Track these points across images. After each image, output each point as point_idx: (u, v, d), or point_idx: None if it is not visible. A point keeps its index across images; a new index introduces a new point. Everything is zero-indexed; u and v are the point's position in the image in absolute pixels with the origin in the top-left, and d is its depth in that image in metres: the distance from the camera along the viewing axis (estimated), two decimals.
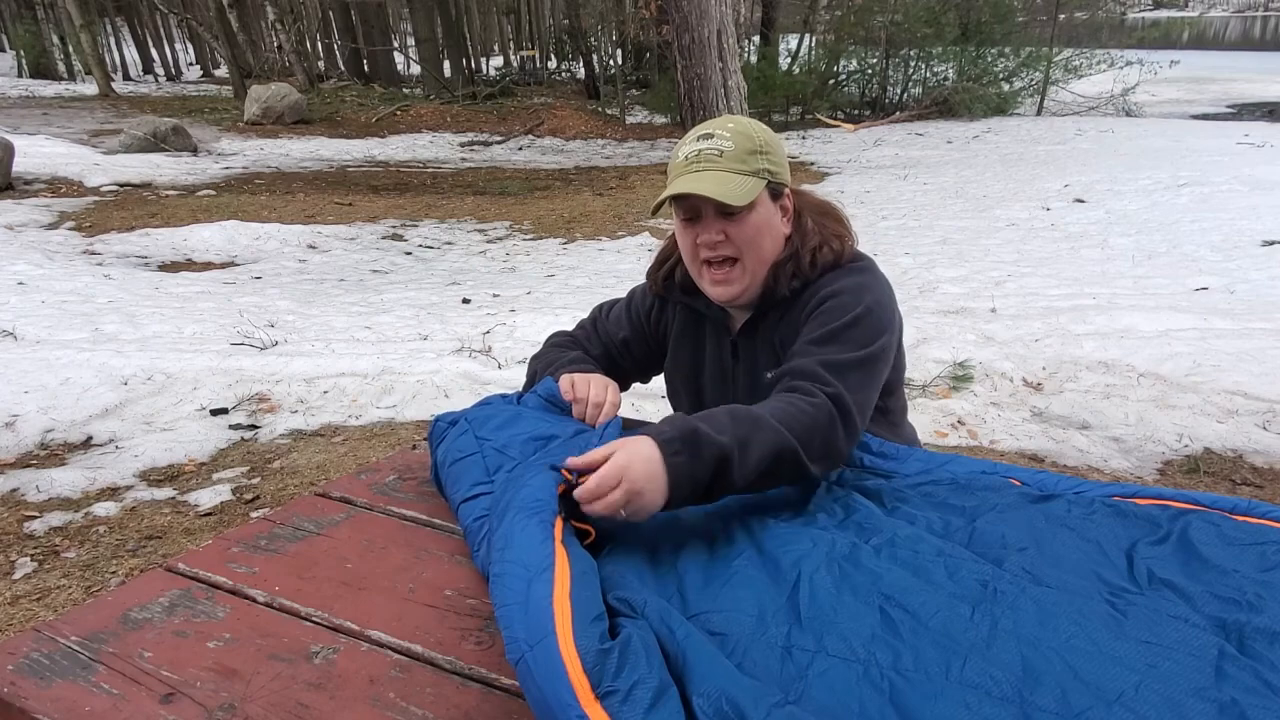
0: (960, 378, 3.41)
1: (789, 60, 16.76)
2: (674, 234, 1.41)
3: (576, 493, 0.97)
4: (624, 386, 1.56)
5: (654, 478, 0.96)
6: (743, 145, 1.24)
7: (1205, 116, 13.77)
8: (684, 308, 1.44)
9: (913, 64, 15.06)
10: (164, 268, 6.07)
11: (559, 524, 0.94)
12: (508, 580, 0.85)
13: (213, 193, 8.79)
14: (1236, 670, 0.75)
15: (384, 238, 7.17)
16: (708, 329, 1.42)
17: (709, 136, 1.25)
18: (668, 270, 1.42)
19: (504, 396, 1.38)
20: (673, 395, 1.56)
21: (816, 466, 1.09)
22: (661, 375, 1.57)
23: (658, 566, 0.97)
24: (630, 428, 1.48)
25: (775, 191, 1.28)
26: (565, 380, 1.32)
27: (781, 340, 1.32)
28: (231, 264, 6.23)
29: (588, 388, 1.31)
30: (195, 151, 11.46)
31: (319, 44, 26.73)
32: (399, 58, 24.29)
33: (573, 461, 0.99)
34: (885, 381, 1.28)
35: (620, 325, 1.50)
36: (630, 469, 0.95)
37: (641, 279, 1.53)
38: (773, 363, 1.33)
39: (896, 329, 1.30)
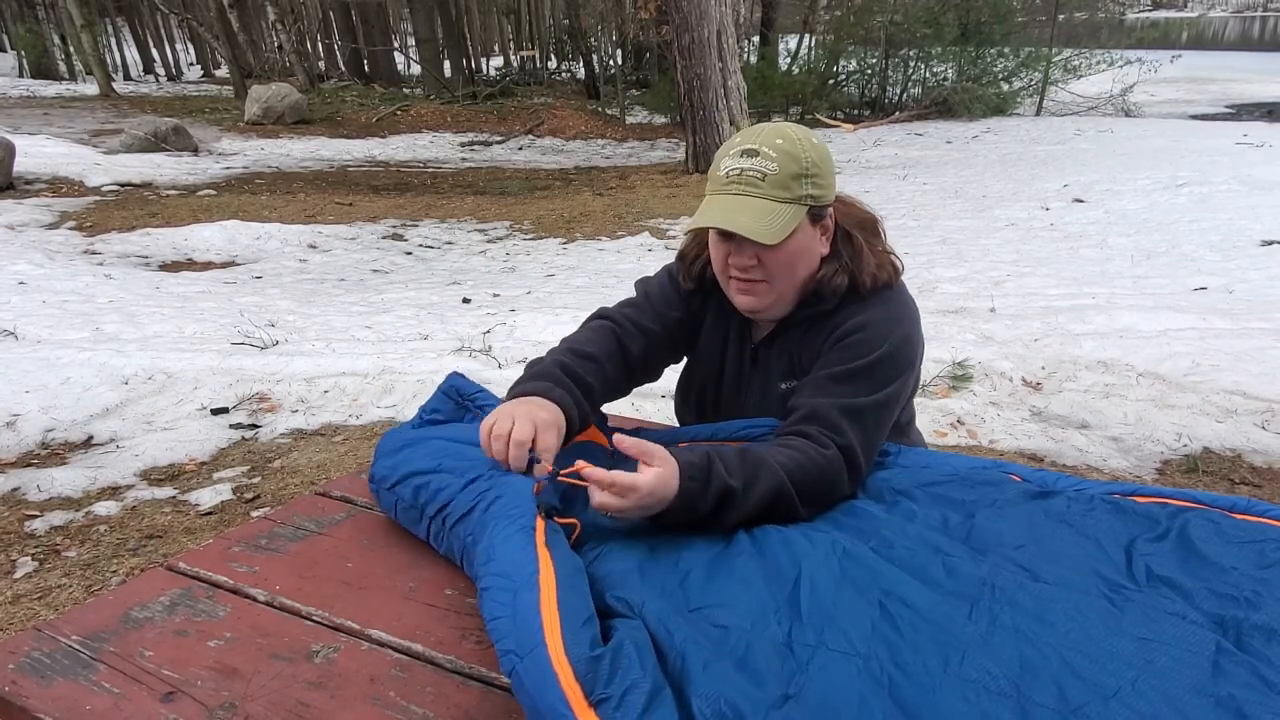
0: (959, 377, 3.41)
1: (789, 60, 16.76)
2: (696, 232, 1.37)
3: (592, 475, 0.99)
4: (666, 366, 1.47)
5: (664, 497, 1.00)
6: (787, 169, 1.17)
7: (1204, 116, 13.77)
8: (717, 303, 1.39)
9: (912, 64, 15.06)
10: (165, 267, 6.08)
11: (540, 526, 0.94)
12: (494, 594, 0.86)
13: (213, 192, 8.79)
14: (1234, 666, 0.75)
15: (384, 237, 7.17)
16: (733, 330, 1.39)
17: (754, 153, 1.19)
18: (700, 266, 1.37)
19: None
20: (683, 390, 1.50)
21: (809, 511, 1.10)
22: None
23: (660, 564, 0.97)
24: (637, 429, 1.46)
25: (817, 215, 1.23)
26: (485, 424, 1.12)
27: (801, 356, 1.29)
28: (232, 264, 6.23)
29: (511, 424, 1.09)
30: (196, 151, 11.47)
31: (319, 44, 26.73)
32: (399, 58, 24.30)
33: (624, 446, 1.01)
34: None
35: (671, 304, 1.40)
36: (639, 486, 0.98)
37: (642, 278, 1.49)
38: (788, 375, 1.31)
39: (918, 361, 1.28)
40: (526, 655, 0.77)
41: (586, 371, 1.27)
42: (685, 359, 1.50)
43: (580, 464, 1.02)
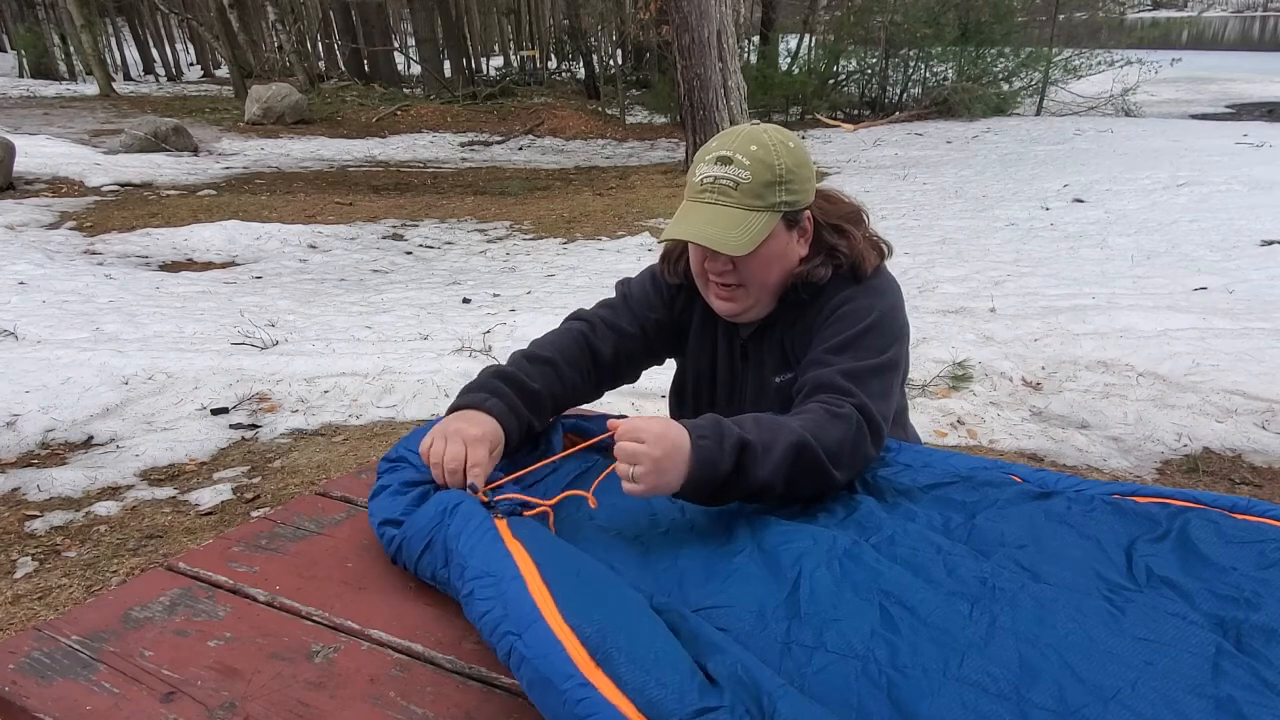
0: (960, 377, 3.41)
1: (789, 60, 16.76)
2: None
3: (618, 436, 0.99)
4: (644, 368, 1.48)
5: (678, 447, 0.98)
6: (760, 177, 1.19)
7: (1204, 116, 13.77)
8: (703, 301, 1.39)
9: (912, 64, 15.06)
10: (165, 267, 6.08)
11: (502, 526, 0.95)
12: (479, 592, 0.86)
13: (213, 192, 8.79)
14: (1234, 667, 0.75)
15: (384, 237, 7.17)
16: (720, 329, 1.40)
17: (728, 161, 1.20)
18: (685, 263, 1.37)
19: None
20: (678, 390, 1.51)
21: (842, 473, 1.08)
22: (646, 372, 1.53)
23: (657, 564, 0.97)
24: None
25: (792, 219, 1.24)
26: (425, 441, 1.13)
27: (792, 345, 1.31)
28: (232, 264, 6.24)
29: (444, 445, 1.10)
30: (196, 151, 11.46)
31: (319, 44, 26.74)
32: (399, 58, 24.29)
33: (617, 426, 1.01)
34: None
35: (651, 306, 1.42)
36: (642, 427, 0.98)
37: (624, 279, 1.49)
38: (781, 367, 1.32)
39: (907, 337, 1.30)
40: (525, 630, 0.78)
41: (533, 376, 1.26)
42: (675, 362, 1.50)
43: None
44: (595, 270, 5.88)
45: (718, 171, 1.20)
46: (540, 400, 1.26)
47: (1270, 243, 5.41)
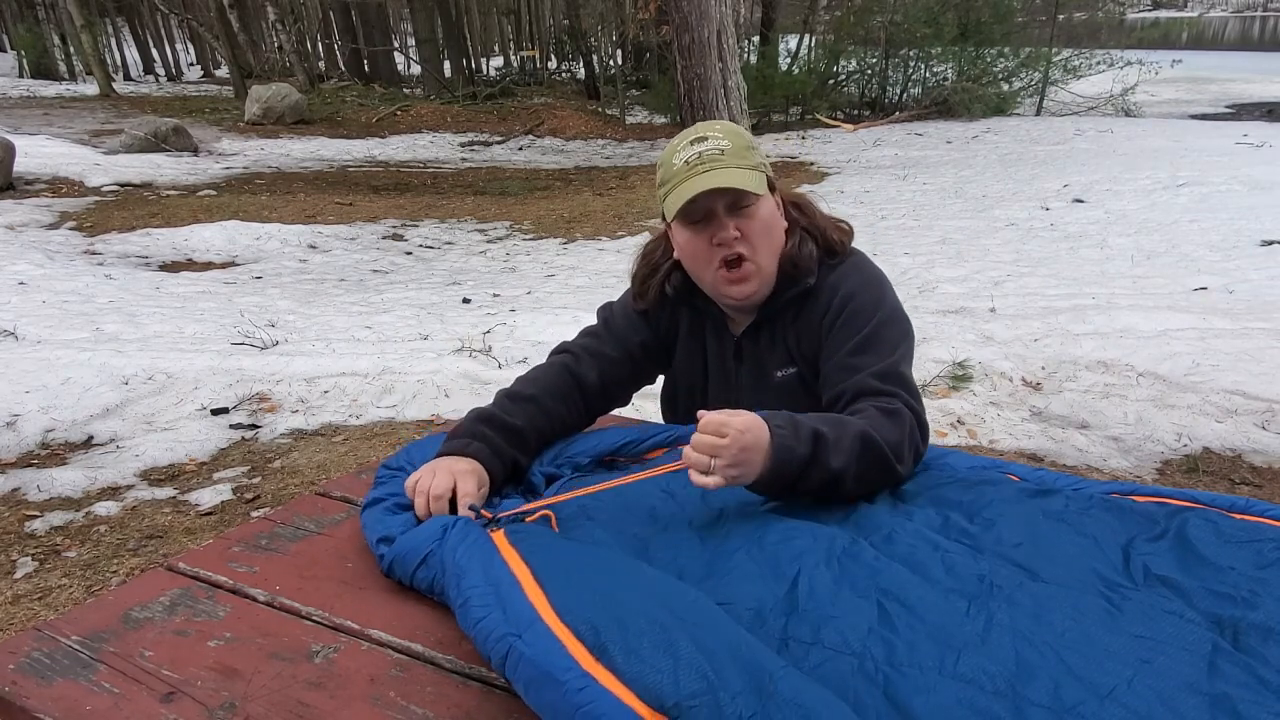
0: (959, 377, 3.41)
1: (789, 60, 16.75)
2: (646, 251, 1.41)
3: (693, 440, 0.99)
4: (635, 390, 1.50)
5: (759, 440, 1.00)
6: (738, 143, 1.24)
7: (1204, 116, 13.76)
8: (687, 308, 1.41)
9: (912, 64, 15.04)
10: (165, 268, 6.08)
11: (498, 536, 0.96)
12: (474, 599, 0.86)
13: (213, 193, 8.79)
14: (1230, 665, 0.75)
15: (384, 238, 7.17)
16: (709, 329, 1.40)
17: (702, 140, 1.24)
18: (656, 286, 1.37)
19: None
20: (668, 397, 1.51)
21: (904, 467, 1.12)
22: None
23: (656, 561, 0.98)
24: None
25: (771, 185, 1.29)
26: (409, 482, 1.15)
27: (799, 341, 1.31)
28: (232, 264, 6.24)
29: (431, 476, 1.13)
30: (196, 151, 11.46)
31: (319, 44, 26.75)
32: (399, 58, 24.29)
33: (706, 417, 1.00)
34: None
35: (635, 329, 1.42)
36: (726, 421, 0.99)
37: (605, 304, 1.49)
38: (785, 364, 1.32)
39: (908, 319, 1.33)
40: (525, 630, 0.79)
41: (514, 414, 1.28)
42: (662, 374, 1.50)
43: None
44: (595, 270, 5.88)
45: (700, 148, 1.23)
46: (524, 436, 1.27)
47: (1270, 243, 5.41)
